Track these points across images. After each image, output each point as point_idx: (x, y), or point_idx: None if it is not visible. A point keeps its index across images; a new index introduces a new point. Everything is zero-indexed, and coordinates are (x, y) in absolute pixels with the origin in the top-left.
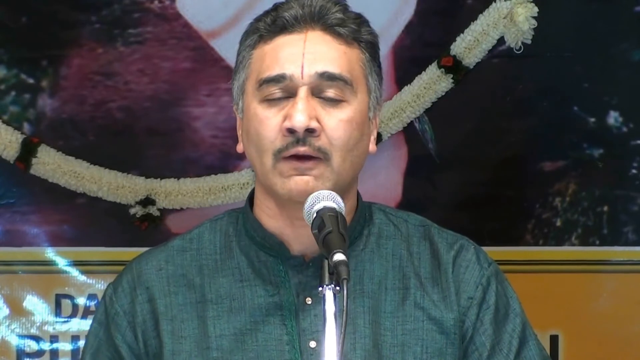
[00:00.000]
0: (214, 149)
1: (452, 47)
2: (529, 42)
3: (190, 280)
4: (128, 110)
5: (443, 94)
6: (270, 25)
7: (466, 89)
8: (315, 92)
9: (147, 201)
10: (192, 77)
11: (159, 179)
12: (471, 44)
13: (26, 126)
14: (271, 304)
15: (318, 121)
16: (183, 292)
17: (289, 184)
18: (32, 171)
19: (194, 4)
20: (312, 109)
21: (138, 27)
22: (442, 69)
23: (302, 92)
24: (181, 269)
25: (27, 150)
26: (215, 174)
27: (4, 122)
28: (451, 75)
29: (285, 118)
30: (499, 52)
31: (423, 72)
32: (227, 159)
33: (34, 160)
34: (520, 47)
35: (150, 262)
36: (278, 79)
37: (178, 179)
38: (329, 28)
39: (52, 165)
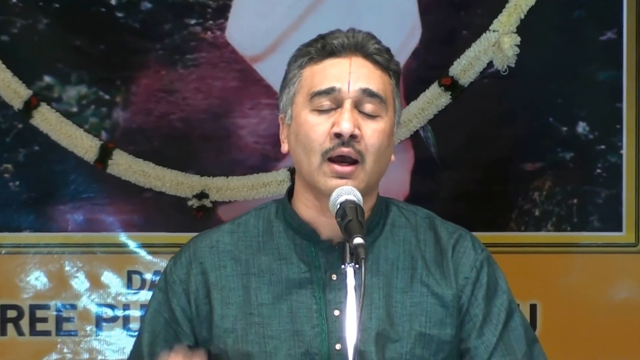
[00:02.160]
0: (256, 152)
1: (450, 69)
2: (513, 65)
3: (237, 256)
4: (186, 120)
5: (443, 107)
6: (321, 50)
7: (462, 103)
8: (357, 106)
9: (202, 195)
10: (238, 94)
11: (211, 177)
12: (466, 67)
13: (103, 134)
14: (303, 279)
15: (359, 129)
16: (231, 266)
17: (330, 183)
18: (108, 170)
19: (239, 34)
20: (356, 119)
21: (194, 53)
22: (442, 88)
23: (348, 104)
24: (230, 247)
25: (104, 154)
26: (257, 173)
27: (85, 130)
28: (449, 93)
29: (333, 125)
30: (489, 74)
31: (426, 90)
32: (266, 160)
33: (109, 162)
34: (506, 69)
35: (205, 241)
36: (328, 92)
37: (227, 177)
38: (369, 56)
39: (125, 165)
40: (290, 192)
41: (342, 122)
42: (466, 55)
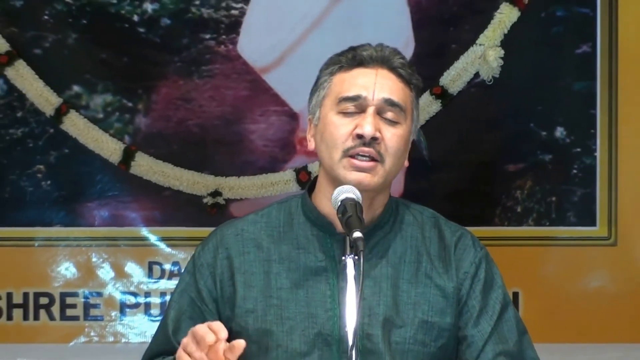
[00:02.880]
0: (265, 155)
1: (440, 79)
2: (497, 76)
3: (260, 244)
4: (201, 126)
5: (434, 114)
6: (351, 60)
7: (451, 110)
8: (379, 112)
9: (216, 193)
10: (249, 102)
11: (224, 177)
12: (455, 78)
13: (127, 138)
14: (319, 267)
15: (380, 132)
16: (254, 252)
17: (350, 176)
18: (131, 171)
19: (250, 48)
20: (377, 124)
21: (209, 65)
22: (433, 96)
23: (371, 110)
24: (253, 235)
25: (127, 156)
26: (266, 173)
27: (110, 135)
28: (440, 101)
29: (356, 127)
30: (475, 83)
31: (419, 98)
32: (274, 162)
33: (132, 163)
34: (491, 79)
35: (231, 229)
36: (354, 98)
37: (238, 177)
38: (393, 69)
39: (146, 167)
40: (310, 188)
41: (365, 125)
42: (455, 67)
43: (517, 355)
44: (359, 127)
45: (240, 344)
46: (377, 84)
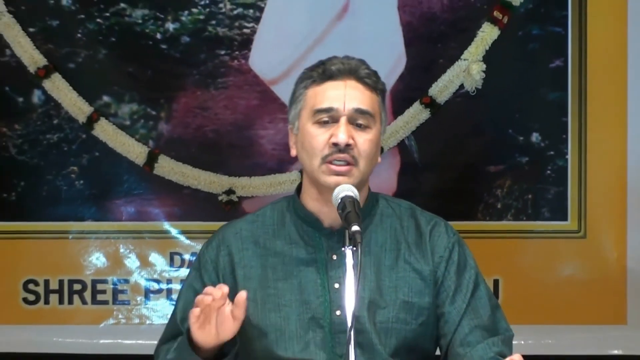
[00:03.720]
0: (273, 157)
1: (429, 90)
2: (480, 87)
3: (256, 241)
4: (217, 132)
5: (424, 121)
6: (321, 74)
7: (439, 118)
8: (350, 120)
9: (230, 192)
10: (259, 110)
11: (237, 177)
12: (442, 89)
13: (150, 142)
14: (310, 259)
15: (353, 139)
16: (252, 248)
17: (329, 180)
18: (154, 172)
19: (259, 62)
20: (350, 131)
21: (223, 77)
22: (423, 105)
23: (343, 120)
24: (250, 233)
25: (151, 158)
26: (274, 174)
27: (136, 140)
28: (429, 109)
29: (331, 136)
30: (460, 94)
31: (410, 107)
32: (282, 164)
33: (155, 165)
34: (474, 90)
35: (231, 229)
36: (328, 110)
37: (250, 177)
38: (360, 79)
39: (168, 168)
40: (298, 189)
41: (339, 134)
42: (442, 79)
43: (490, 327)
44: (334, 137)
45: (241, 296)
46: (346, 95)
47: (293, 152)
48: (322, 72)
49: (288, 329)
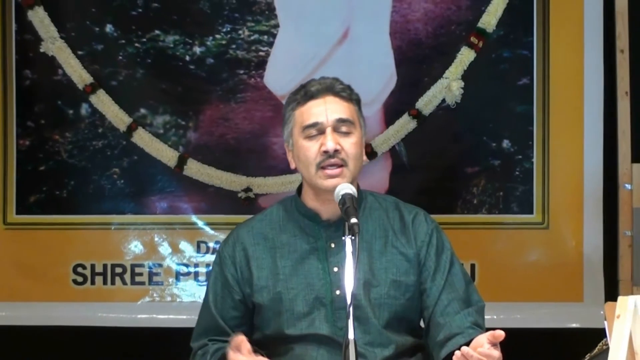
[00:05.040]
0: (284, 160)
1: (416, 104)
2: (459, 101)
3: (266, 236)
4: (237, 139)
5: (411, 130)
6: (303, 96)
7: (424, 128)
8: (335, 129)
9: (248, 190)
10: (272, 120)
11: (254, 177)
12: (427, 102)
13: (181, 148)
14: (312, 248)
15: (339, 145)
16: (262, 243)
17: (326, 183)
18: (184, 173)
19: (272, 80)
20: (336, 139)
21: (242, 93)
22: (411, 117)
23: (329, 130)
24: (261, 230)
25: (181, 161)
26: (285, 174)
27: (168, 146)
28: (416, 120)
29: (321, 145)
30: (443, 107)
31: (400, 118)
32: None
33: (185, 167)
34: (454, 104)
35: (244, 228)
36: (314, 125)
37: (265, 177)
38: (337, 94)
39: (195, 170)
40: (299, 190)
41: (327, 142)
42: (427, 95)
43: (465, 299)
44: (323, 145)
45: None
46: (327, 110)
47: (292, 166)
48: (304, 94)
49: (296, 309)
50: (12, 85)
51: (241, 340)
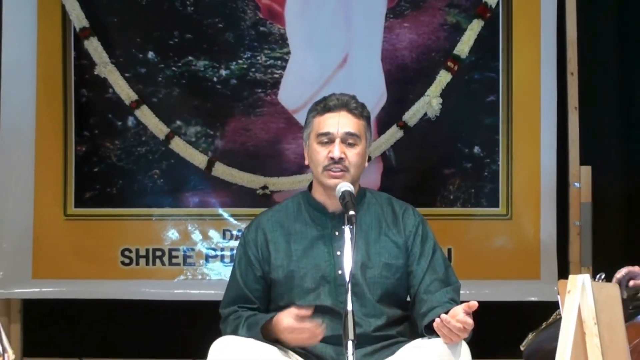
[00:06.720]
0: (295, 164)
1: (403, 117)
2: (438, 115)
3: (282, 224)
4: (256, 146)
5: (399, 138)
6: (323, 108)
7: (410, 136)
8: (343, 140)
9: (264, 187)
10: (285, 131)
11: (270, 177)
12: (412, 115)
13: (210, 153)
14: (320, 235)
15: (345, 154)
16: (279, 230)
17: (329, 181)
18: (212, 174)
19: (286, 97)
20: (343, 149)
21: (260, 108)
22: (399, 127)
23: (337, 141)
24: (278, 219)
25: (210, 164)
26: (296, 175)
27: (199, 151)
28: (403, 130)
29: (329, 152)
30: (425, 120)
31: (390, 129)
32: (301, 168)
33: (213, 169)
34: (435, 117)
35: (264, 217)
36: (326, 134)
37: (279, 177)
38: (350, 110)
39: (221, 171)
40: (310, 186)
41: (334, 151)
42: (412, 109)
43: (445, 280)
44: (331, 152)
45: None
46: (340, 123)
47: (306, 162)
48: (323, 106)
49: (305, 285)
50: (72, 102)
51: (291, 310)
